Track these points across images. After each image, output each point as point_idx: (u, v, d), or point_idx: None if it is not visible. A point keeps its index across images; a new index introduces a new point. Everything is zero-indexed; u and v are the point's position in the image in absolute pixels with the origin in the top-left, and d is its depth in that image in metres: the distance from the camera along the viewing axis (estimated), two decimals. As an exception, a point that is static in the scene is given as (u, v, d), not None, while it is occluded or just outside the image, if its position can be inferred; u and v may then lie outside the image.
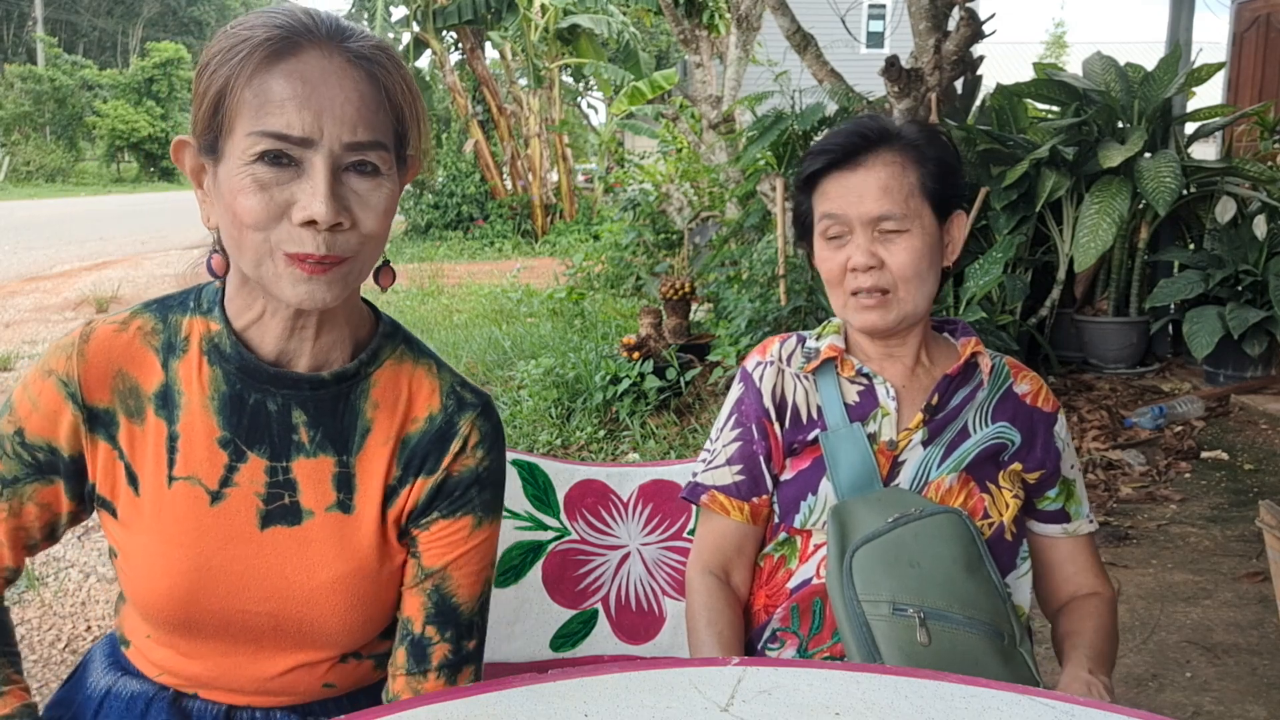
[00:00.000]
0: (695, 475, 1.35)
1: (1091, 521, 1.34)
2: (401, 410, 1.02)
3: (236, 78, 0.86)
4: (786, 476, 1.29)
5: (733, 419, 1.34)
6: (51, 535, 1.02)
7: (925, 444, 1.25)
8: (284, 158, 0.86)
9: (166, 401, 0.98)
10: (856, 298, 1.24)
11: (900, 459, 1.25)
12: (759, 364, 1.34)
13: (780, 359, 1.33)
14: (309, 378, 0.99)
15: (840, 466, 1.24)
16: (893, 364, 1.30)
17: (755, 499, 1.30)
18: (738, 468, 1.31)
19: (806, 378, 1.31)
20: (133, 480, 0.98)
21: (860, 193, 1.22)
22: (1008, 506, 1.25)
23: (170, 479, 0.97)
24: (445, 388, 1.04)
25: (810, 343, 1.34)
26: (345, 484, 1.00)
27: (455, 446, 1.02)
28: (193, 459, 0.97)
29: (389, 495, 1.01)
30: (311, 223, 0.87)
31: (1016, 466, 1.27)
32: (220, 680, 1.03)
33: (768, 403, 1.30)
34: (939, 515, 1.19)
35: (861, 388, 1.29)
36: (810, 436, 1.28)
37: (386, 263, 1.00)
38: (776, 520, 1.30)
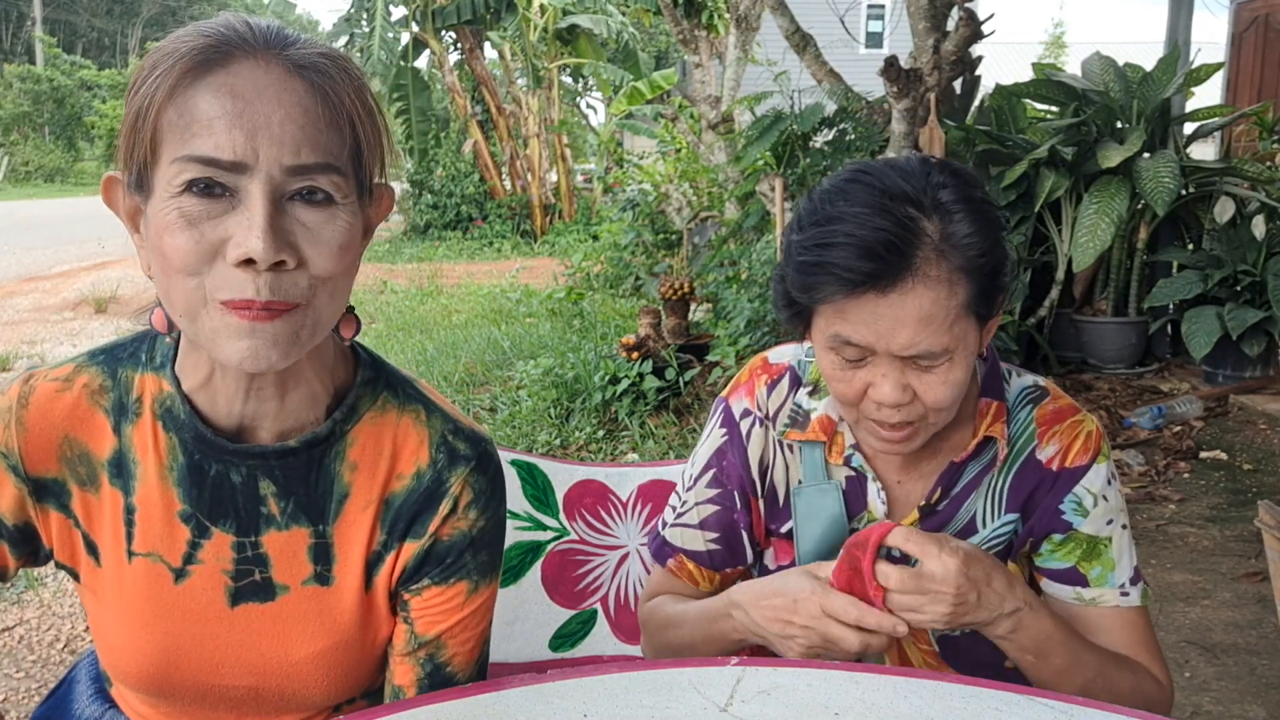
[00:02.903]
0: (664, 526, 1.19)
1: (1126, 594, 1.04)
2: (384, 468, 0.91)
3: (155, 95, 0.74)
4: (770, 566, 1.16)
5: (711, 473, 1.15)
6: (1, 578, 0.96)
7: None
8: (215, 187, 0.74)
9: (121, 470, 0.88)
10: (876, 424, 1.00)
11: None
12: (748, 414, 1.13)
13: (768, 414, 1.13)
14: (274, 448, 0.88)
15: (805, 539, 1.08)
16: (891, 456, 1.08)
17: (729, 569, 1.16)
18: (713, 535, 1.15)
19: (790, 447, 1.11)
20: (92, 550, 0.90)
21: (892, 322, 0.92)
22: None
23: (130, 554, 0.89)
24: (435, 438, 0.92)
25: (802, 395, 1.12)
26: (323, 555, 0.91)
27: (444, 508, 0.91)
28: (151, 534, 0.89)
29: (373, 563, 0.92)
30: (249, 262, 0.74)
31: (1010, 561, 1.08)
32: None
33: (755, 475, 1.12)
34: None
35: (850, 475, 1.10)
36: (786, 528, 1.12)
37: (350, 310, 0.87)
38: None
